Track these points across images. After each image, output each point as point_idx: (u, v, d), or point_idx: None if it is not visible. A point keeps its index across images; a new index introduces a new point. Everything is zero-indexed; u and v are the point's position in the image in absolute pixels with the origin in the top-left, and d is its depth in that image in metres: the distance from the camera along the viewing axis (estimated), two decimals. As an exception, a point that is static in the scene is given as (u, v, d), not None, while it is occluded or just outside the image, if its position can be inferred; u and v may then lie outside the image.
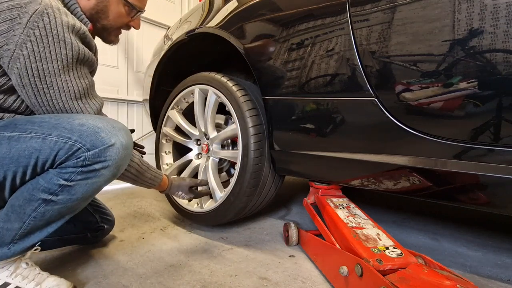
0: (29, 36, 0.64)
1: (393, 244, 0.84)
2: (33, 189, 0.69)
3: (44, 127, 0.67)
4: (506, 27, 0.62)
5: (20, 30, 0.63)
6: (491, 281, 0.94)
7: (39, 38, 0.65)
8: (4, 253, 0.73)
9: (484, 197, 0.72)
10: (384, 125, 0.81)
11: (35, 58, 0.66)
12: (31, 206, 0.70)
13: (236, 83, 1.19)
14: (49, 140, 0.66)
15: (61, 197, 0.70)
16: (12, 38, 0.64)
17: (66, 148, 0.67)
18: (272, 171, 1.17)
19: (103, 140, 0.69)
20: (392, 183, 0.86)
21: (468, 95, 0.68)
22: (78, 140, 0.67)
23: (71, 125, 0.68)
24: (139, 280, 0.89)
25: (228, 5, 1.24)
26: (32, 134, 0.67)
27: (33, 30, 0.64)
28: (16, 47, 0.64)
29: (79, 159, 0.68)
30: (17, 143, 0.66)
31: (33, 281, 0.76)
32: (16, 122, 0.69)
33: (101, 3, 0.83)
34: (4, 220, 0.72)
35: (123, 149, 0.73)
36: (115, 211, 1.23)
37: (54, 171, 0.69)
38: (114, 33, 0.92)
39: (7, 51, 0.65)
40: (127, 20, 0.91)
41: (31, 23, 0.64)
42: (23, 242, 0.74)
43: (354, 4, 0.83)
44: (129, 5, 0.87)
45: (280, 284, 0.88)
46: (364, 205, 1.66)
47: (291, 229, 1.14)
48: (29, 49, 0.65)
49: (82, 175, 0.69)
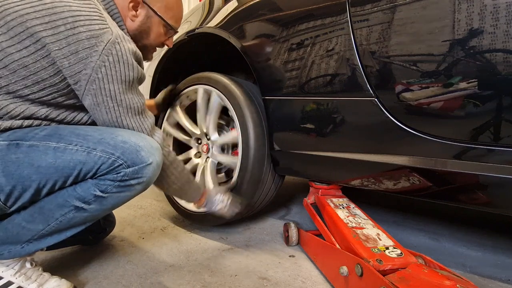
0: (104, 62, 0.72)
1: (393, 244, 0.84)
2: (69, 196, 0.73)
3: (89, 141, 0.72)
4: (506, 27, 0.62)
5: (96, 57, 0.71)
6: (491, 281, 0.94)
7: (111, 64, 0.72)
8: (17, 251, 0.75)
9: (484, 197, 0.72)
10: (384, 125, 0.81)
11: (108, 80, 0.73)
12: (62, 211, 0.73)
13: (236, 83, 1.19)
14: (93, 155, 0.71)
15: (92, 206, 0.74)
16: (90, 64, 0.71)
17: (108, 163, 0.71)
18: (272, 171, 1.17)
19: (142, 158, 0.74)
20: (392, 183, 0.86)
21: (468, 95, 0.68)
22: (121, 157, 0.72)
23: (115, 142, 0.73)
24: (139, 280, 0.89)
25: (228, 5, 1.24)
26: (77, 147, 0.71)
27: (107, 57, 0.72)
28: (92, 71, 0.71)
29: (119, 174, 0.72)
30: (63, 154, 0.70)
31: (36, 281, 0.77)
32: (60, 132, 0.73)
33: (144, 25, 0.89)
34: (28, 221, 0.73)
35: (157, 168, 0.79)
36: (115, 211, 1.22)
37: (92, 181, 0.73)
38: (151, 51, 0.99)
39: (85, 75, 0.72)
40: (164, 39, 0.96)
41: (105, 50, 0.71)
42: (39, 242, 0.76)
43: (354, 4, 0.83)
44: (168, 26, 0.93)
45: (280, 284, 0.88)
46: (364, 205, 1.66)
47: (291, 229, 1.14)
48: (103, 73, 0.72)
49: (117, 189, 0.74)
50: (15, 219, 0.74)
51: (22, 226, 0.73)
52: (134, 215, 1.50)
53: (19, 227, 0.73)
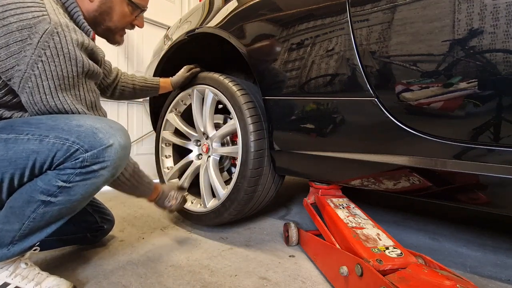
0: (40, 57, 0.65)
1: (393, 244, 0.84)
2: (32, 191, 0.69)
3: (41, 129, 0.67)
4: (506, 27, 0.62)
5: (31, 51, 0.64)
6: (491, 281, 0.94)
7: (50, 58, 0.65)
8: (3, 254, 0.73)
9: (484, 197, 0.72)
10: (384, 125, 0.81)
11: (47, 77, 0.66)
12: (30, 208, 0.70)
13: (236, 83, 1.19)
14: (46, 142, 0.66)
15: (60, 199, 0.70)
16: (23, 59, 0.64)
17: (64, 150, 0.67)
18: (272, 171, 1.17)
19: (101, 140, 0.69)
20: (392, 183, 0.86)
21: (468, 95, 0.68)
22: (76, 141, 0.67)
23: (69, 126, 0.68)
24: (139, 280, 0.89)
25: (228, 5, 1.24)
26: (29, 136, 0.66)
27: (44, 50, 0.64)
28: (27, 67, 0.65)
29: (78, 160, 0.67)
30: (14, 145, 0.66)
31: (33, 281, 0.76)
32: (12, 123, 0.69)
33: (104, 5, 0.83)
34: (3, 222, 0.72)
35: (122, 150, 0.73)
36: (115, 211, 1.23)
37: (52, 173, 0.69)
38: (119, 34, 0.92)
39: (18, 72, 0.65)
40: (131, 19, 0.91)
41: (41, 43, 0.64)
42: (22, 243, 0.74)
43: (354, 4, 0.83)
44: (133, 4, 0.87)
45: (280, 284, 0.88)
46: (364, 205, 1.66)
47: (291, 229, 1.14)
48: (41, 68, 0.65)
49: (80, 176, 0.69)
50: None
51: (0, 229, 0.71)
52: (134, 215, 1.50)
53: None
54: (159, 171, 1.53)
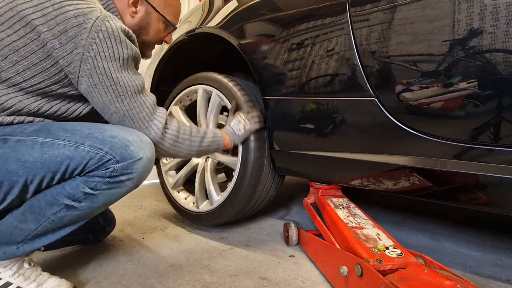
0: (94, 39, 0.70)
1: (393, 244, 0.84)
2: (57, 193, 0.71)
3: (76, 135, 0.70)
4: (506, 27, 0.62)
5: (86, 34, 0.70)
6: (491, 281, 0.94)
7: (102, 40, 0.71)
8: (12, 252, 0.74)
9: (484, 197, 0.72)
10: (384, 125, 0.81)
11: (101, 58, 0.72)
12: (52, 210, 0.72)
13: (237, 83, 1.19)
14: (81, 149, 0.69)
15: (83, 204, 0.72)
16: (80, 42, 0.70)
17: (97, 159, 0.70)
18: (272, 171, 1.17)
19: (132, 153, 0.72)
20: (392, 183, 0.86)
21: (468, 95, 0.68)
22: (109, 151, 0.70)
23: (103, 136, 0.71)
24: (139, 280, 0.89)
25: (228, 5, 1.24)
26: (65, 141, 0.69)
27: (97, 33, 0.70)
28: (84, 49, 0.70)
29: (108, 170, 0.71)
30: (50, 149, 0.68)
31: (35, 281, 0.77)
32: (48, 127, 0.72)
33: (143, 21, 0.89)
34: (20, 220, 0.73)
35: (148, 163, 0.77)
36: (115, 211, 1.23)
37: (81, 179, 0.71)
38: (150, 48, 0.98)
39: (77, 55, 0.70)
40: (163, 35, 0.97)
41: (95, 27, 0.70)
42: (33, 243, 0.75)
43: (354, 4, 0.83)
44: (167, 22, 0.93)
45: (280, 284, 0.88)
46: (364, 205, 1.66)
47: (291, 229, 1.14)
48: (95, 50, 0.71)
49: (107, 185, 0.72)
50: (7, 219, 0.74)
51: (14, 226, 0.72)
52: (134, 215, 1.50)
53: (12, 227, 0.73)
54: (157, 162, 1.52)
